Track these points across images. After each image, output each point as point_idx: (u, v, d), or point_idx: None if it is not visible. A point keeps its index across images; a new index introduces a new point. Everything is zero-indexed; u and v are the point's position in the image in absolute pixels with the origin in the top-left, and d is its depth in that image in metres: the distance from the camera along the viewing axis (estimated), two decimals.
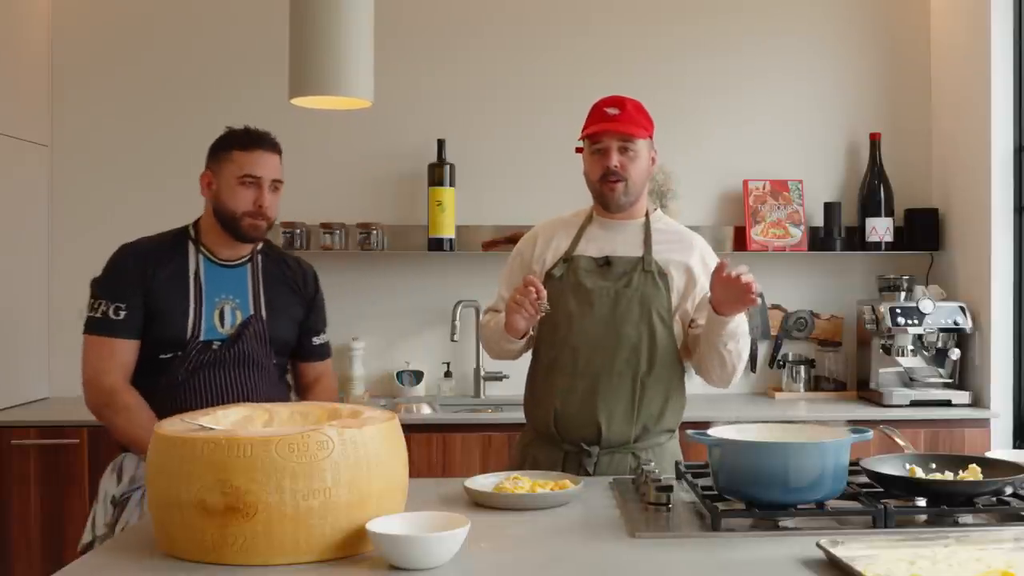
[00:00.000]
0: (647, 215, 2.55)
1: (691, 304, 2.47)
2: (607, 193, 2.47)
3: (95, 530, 2.40)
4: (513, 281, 2.55)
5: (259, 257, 2.52)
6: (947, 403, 3.67)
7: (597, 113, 2.48)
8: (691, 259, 2.48)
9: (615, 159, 2.43)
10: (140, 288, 2.40)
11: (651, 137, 2.52)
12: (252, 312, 2.45)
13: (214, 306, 2.42)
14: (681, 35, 4.11)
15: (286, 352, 2.56)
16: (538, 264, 2.53)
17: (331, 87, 2.53)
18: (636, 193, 2.49)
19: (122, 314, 2.39)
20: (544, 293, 2.31)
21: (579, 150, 2.57)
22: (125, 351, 2.41)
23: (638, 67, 4.08)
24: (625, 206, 2.49)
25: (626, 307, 2.41)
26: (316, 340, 2.61)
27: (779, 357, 4.05)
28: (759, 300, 2.26)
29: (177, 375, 2.38)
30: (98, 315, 2.41)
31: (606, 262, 2.46)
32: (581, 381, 2.41)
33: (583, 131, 2.48)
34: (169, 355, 2.39)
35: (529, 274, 2.48)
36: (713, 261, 2.47)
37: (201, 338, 2.39)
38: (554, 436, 2.45)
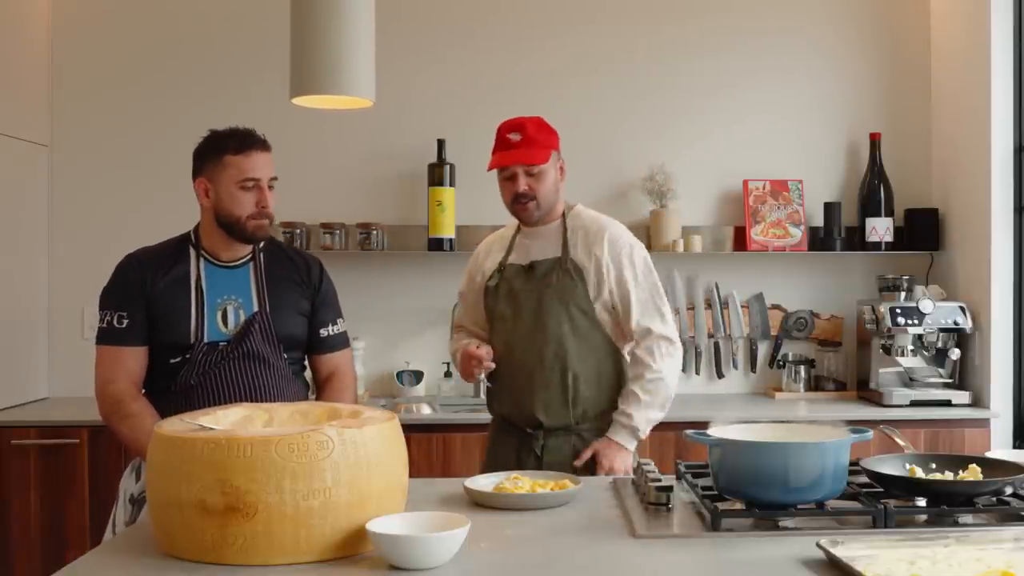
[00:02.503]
0: (563, 216, 2.73)
1: (607, 293, 2.64)
2: (521, 213, 2.70)
3: (115, 529, 2.41)
4: (468, 298, 2.86)
5: (261, 255, 2.52)
6: (947, 403, 3.68)
7: (501, 141, 2.68)
8: (599, 250, 2.65)
9: (522, 184, 2.65)
10: (141, 296, 2.41)
11: (557, 150, 2.69)
12: (256, 310, 2.44)
13: (216, 308, 2.42)
14: (681, 35, 4.11)
15: (298, 347, 2.55)
16: (479, 276, 2.80)
17: (333, 86, 2.54)
18: (548, 206, 2.69)
19: (125, 323, 2.41)
20: (488, 357, 2.63)
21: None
22: (131, 359, 2.42)
23: (638, 67, 4.08)
24: (539, 220, 2.71)
25: (548, 305, 2.64)
26: (324, 332, 2.58)
27: (779, 357, 4.06)
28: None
29: (187, 378, 2.38)
30: (104, 325, 2.43)
31: (530, 267, 2.70)
32: (519, 377, 2.66)
33: (490, 163, 2.68)
34: (177, 359, 2.40)
35: (475, 286, 2.80)
36: (623, 246, 2.65)
37: (206, 340, 2.39)
38: (507, 425, 2.73)
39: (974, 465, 1.96)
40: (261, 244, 2.52)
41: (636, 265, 2.65)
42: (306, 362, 2.62)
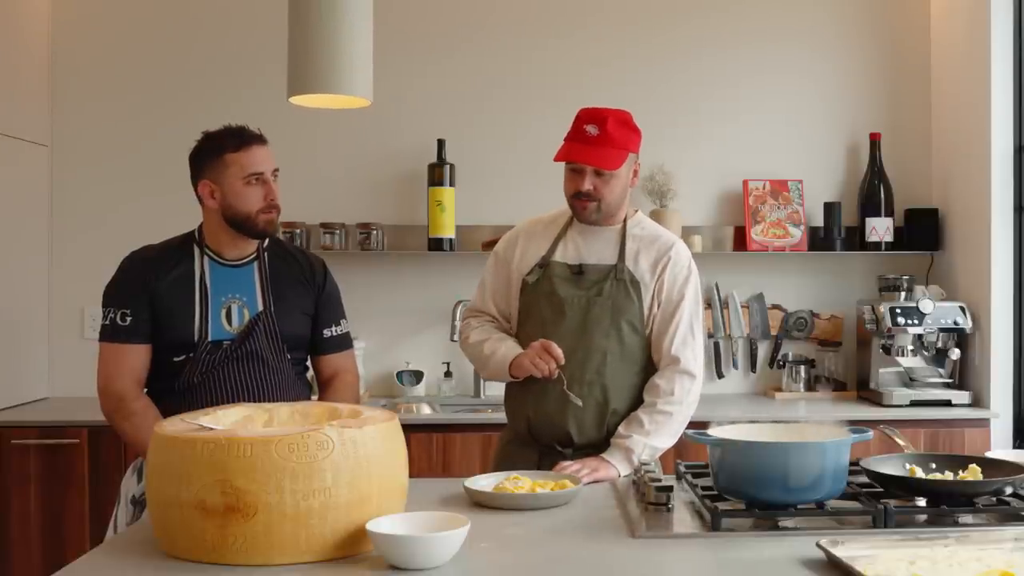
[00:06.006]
0: (625, 220, 2.54)
1: (656, 311, 2.48)
2: (578, 210, 2.49)
3: (116, 531, 2.41)
4: (495, 283, 2.59)
5: (265, 254, 2.52)
6: (947, 403, 3.67)
7: (576, 131, 2.45)
8: (662, 267, 2.48)
9: (587, 183, 2.43)
10: (144, 294, 2.41)
11: (634, 152, 2.48)
12: (261, 309, 2.44)
13: (220, 306, 2.42)
14: (681, 35, 4.11)
15: (301, 347, 2.54)
16: (516, 270, 2.55)
17: (329, 85, 2.53)
18: (610, 211, 2.49)
19: (128, 320, 2.41)
20: (561, 359, 2.36)
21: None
22: (134, 356, 2.41)
23: (638, 67, 4.08)
24: (597, 222, 2.50)
25: (597, 316, 2.44)
26: (327, 333, 2.57)
27: (779, 357, 4.06)
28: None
29: (191, 377, 2.38)
30: (107, 322, 2.43)
31: (580, 270, 2.49)
32: (553, 389, 2.43)
33: (558, 152, 2.46)
34: (181, 357, 2.40)
35: (507, 276, 2.55)
36: (682, 269, 2.48)
37: (210, 339, 2.39)
38: (528, 438, 2.51)
39: (974, 465, 1.96)
40: (265, 243, 2.52)
41: (689, 294, 2.48)
42: (308, 363, 2.62)
